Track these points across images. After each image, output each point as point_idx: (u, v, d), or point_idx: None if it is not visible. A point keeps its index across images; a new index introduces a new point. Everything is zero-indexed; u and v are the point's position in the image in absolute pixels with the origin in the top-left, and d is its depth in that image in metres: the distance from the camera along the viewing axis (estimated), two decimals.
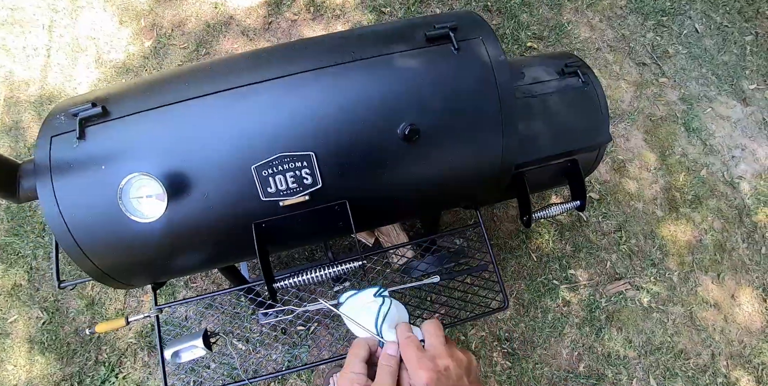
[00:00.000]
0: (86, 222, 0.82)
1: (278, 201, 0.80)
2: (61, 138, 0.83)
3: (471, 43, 0.91)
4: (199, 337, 0.91)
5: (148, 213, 0.78)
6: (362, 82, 0.84)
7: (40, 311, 1.82)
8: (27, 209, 1.96)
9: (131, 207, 0.78)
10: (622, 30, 2.36)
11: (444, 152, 0.86)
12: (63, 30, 2.23)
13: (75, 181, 0.81)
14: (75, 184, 0.81)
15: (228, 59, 0.93)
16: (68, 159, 0.82)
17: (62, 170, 0.82)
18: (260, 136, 0.80)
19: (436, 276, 0.98)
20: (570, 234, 1.88)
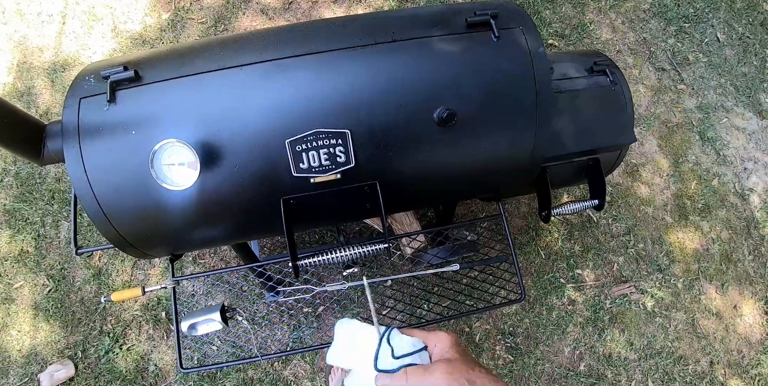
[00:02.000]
0: (112, 187, 0.81)
1: (309, 177, 0.80)
2: (90, 100, 0.82)
3: (511, 32, 0.90)
4: (217, 311, 0.91)
5: (179, 181, 0.77)
6: (401, 64, 0.83)
7: (46, 278, 1.81)
8: (36, 176, 1.95)
9: (162, 174, 0.77)
10: (643, 34, 2.35)
11: (477, 140, 0.86)
12: None
13: (103, 144, 0.80)
14: (103, 147, 0.80)
15: (264, 31, 0.92)
16: (97, 122, 0.81)
17: (91, 133, 0.80)
18: (297, 111, 0.79)
19: (456, 265, 0.98)
20: (579, 234, 1.88)
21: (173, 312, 0.99)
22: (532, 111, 0.88)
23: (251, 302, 1.70)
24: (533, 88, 0.88)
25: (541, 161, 0.95)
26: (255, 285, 1.69)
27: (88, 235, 1.87)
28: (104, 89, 0.81)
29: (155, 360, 1.68)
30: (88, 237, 1.87)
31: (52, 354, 1.72)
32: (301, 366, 1.67)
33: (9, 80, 2.05)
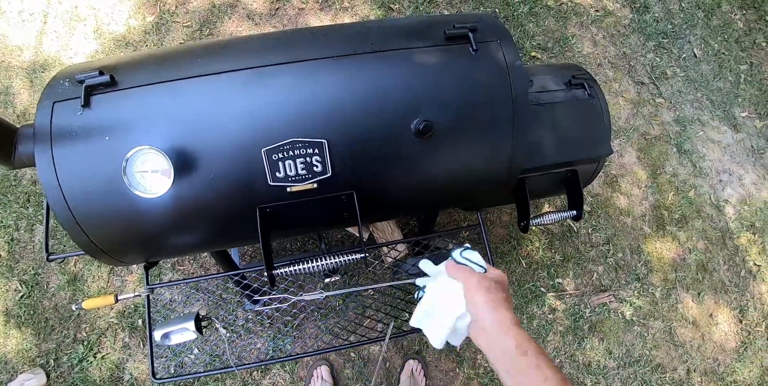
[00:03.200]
0: (84, 193, 0.79)
1: (286, 186, 0.80)
2: (64, 104, 0.81)
3: (489, 45, 0.92)
4: (191, 320, 0.89)
5: (152, 188, 0.76)
6: (380, 74, 0.84)
7: (19, 284, 1.76)
8: (12, 178, 1.90)
9: (135, 181, 0.76)
10: (623, 48, 2.42)
11: (454, 151, 0.87)
12: None
13: (76, 149, 0.79)
14: (76, 152, 0.79)
15: (244, 39, 0.92)
16: (71, 126, 0.79)
17: (63, 138, 0.79)
18: (273, 119, 0.79)
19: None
20: (560, 243, 1.91)
21: (147, 321, 0.97)
22: (509, 123, 0.90)
23: (230, 310, 1.67)
24: (510, 100, 0.90)
25: (519, 172, 0.97)
26: (234, 294, 1.66)
27: (64, 240, 1.82)
28: (79, 93, 0.80)
29: (130, 370, 1.64)
30: (63, 242, 1.83)
31: (22, 362, 1.67)
32: (281, 376, 1.64)
33: None
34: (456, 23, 0.92)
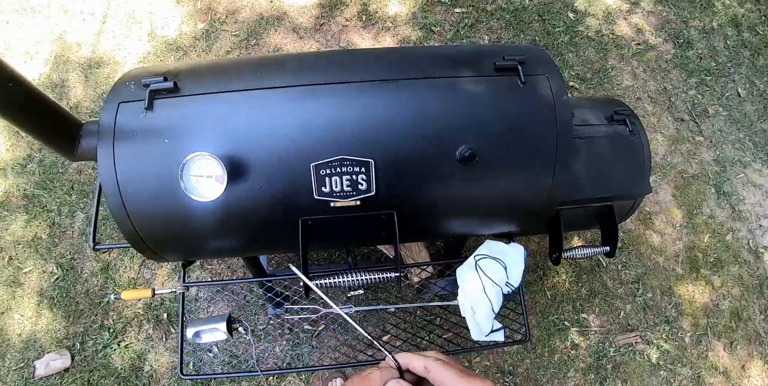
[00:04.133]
0: (139, 190, 0.84)
1: (330, 201, 0.83)
2: (128, 105, 0.86)
3: (537, 78, 0.95)
4: (224, 321, 0.92)
5: (205, 192, 0.80)
6: (429, 100, 0.88)
7: (55, 266, 1.85)
8: (59, 166, 2.02)
9: (190, 184, 0.81)
10: (664, 83, 2.40)
11: (496, 180, 0.89)
12: (121, 0, 2.34)
13: (136, 148, 0.84)
14: (135, 151, 0.84)
15: (300, 56, 0.97)
16: (133, 127, 0.85)
17: (125, 136, 0.84)
18: (323, 136, 0.83)
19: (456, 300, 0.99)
20: (588, 277, 1.86)
21: (179, 318, 1.01)
22: (552, 156, 0.91)
23: (253, 313, 1.70)
24: (554, 133, 0.91)
25: (557, 204, 0.97)
26: (259, 298, 1.70)
27: (102, 230, 1.92)
28: (143, 96, 0.85)
29: (151, 361, 1.68)
30: (101, 231, 1.92)
31: (50, 342, 1.74)
32: (296, 384, 1.65)
33: (45, 71, 2.17)
34: (506, 55, 0.95)
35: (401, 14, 2.43)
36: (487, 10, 2.50)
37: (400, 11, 2.43)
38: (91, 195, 1.99)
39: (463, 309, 0.94)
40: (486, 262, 0.96)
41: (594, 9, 2.55)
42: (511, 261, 0.99)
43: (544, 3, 2.55)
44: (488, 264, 0.96)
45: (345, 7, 2.42)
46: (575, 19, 2.51)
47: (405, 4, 2.44)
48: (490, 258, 0.97)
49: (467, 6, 2.49)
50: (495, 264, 0.96)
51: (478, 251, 1.01)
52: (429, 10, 2.45)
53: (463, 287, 0.96)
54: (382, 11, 2.43)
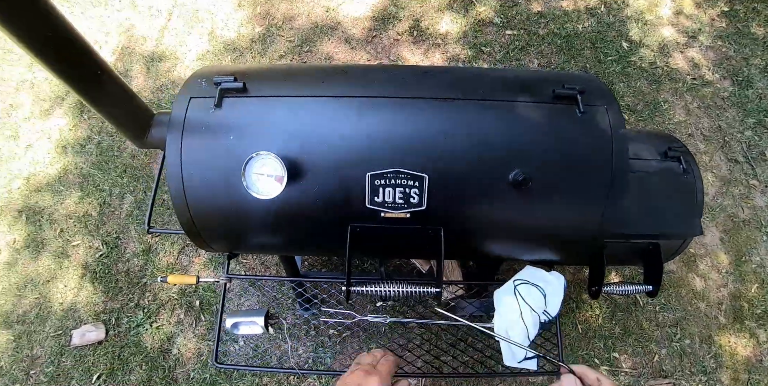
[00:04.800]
0: (200, 181, 0.90)
1: (381, 211, 0.86)
2: (198, 101, 0.92)
3: (595, 109, 0.95)
4: (262, 315, 0.96)
5: (265, 190, 0.85)
6: (486, 121, 0.90)
7: (101, 243, 1.98)
8: (115, 149, 2.17)
9: (250, 181, 0.85)
10: (719, 121, 2.31)
11: (546, 206, 0.89)
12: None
13: (202, 142, 0.89)
14: (202, 144, 0.89)
15: (363, 68, 1.02)
16: (201, 121, 0.90)
17: (193, 130, 0.90)
18: (382, 147, 0.86)
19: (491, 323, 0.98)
20: (623, 315, 1.79)
21: (219, 307, 1.05)
22: (605, 187, 0.91)
23: (281, 311, 1.74)
24: (609, 166, 0.91)
25: (604, 237, 0.96)
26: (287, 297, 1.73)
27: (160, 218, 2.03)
28: (213, 94, 0.91)
29: (179, 345, 1.75)
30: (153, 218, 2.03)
31: (88, 314, 1.85)
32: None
33: (111, 60, 2.35)
34: (565, 83, 0.96)
35: (452, 32, 2.48)
36: (538, 34, 2.51)
37: (450, 29, 2.48)
38: (141, 179, 2.12)
39: (498, 332, 0.93)
40: (525, 288, 0.96)
41: (649, 40, 2.51)
42: (551, 290, 0.98)
43: (597, 31, 2.53)
44: (528, 290, 0.95)
45: (397, 22, 2.50)
46: (629, 48, 2.48)
47: (456, 23, 2.49)
48: (530, 284, 0.97)
49: (519, 29, 2.51)
50: (535, 290, 0.95)
51: (518, 276, 1.00)
52: (480, 30, 2.49)
53: (500, 310, 0.95)
54: (434, 28, 2.49)
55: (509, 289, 0.98)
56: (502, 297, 0.97)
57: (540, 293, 0.97)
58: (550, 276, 1.02)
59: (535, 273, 1.02)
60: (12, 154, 2.24)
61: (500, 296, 0.98)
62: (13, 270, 1.98)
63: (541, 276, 1.02)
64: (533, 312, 0.93)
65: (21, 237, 2.04)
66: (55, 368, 1.77)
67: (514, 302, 0.95)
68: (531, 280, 0.99)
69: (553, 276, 1.03)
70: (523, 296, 0.95)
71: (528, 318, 0.93)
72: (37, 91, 2.40)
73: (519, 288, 0.97)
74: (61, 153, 2.23)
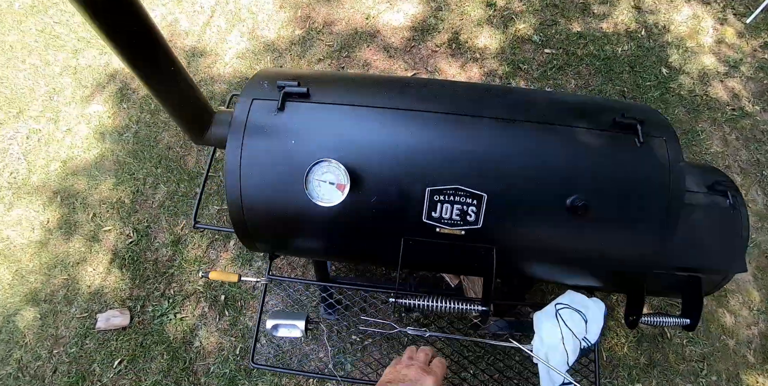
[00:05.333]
0: (258, 182, 0.91)
1: (436, 227, 0.87)
2: (261, 103, 0.93)
3: (654, 140, 0.95)
4: (303, 319, 0.97)
5: (325, 198, 0.86)
6: (547, 145, 0.90)
7: (132, 231, 2.02)
8: (151, 139, 2.22)
9: (312, 187, 0.86)
10: (758, 154, 2.27)
11: (600, 234, 0.89)
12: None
13: (264, 144, 0.91)
14: (263, 146, 0.90)
15: (426, 82, 1.02)
16: (263, 123, 0.91)
17: (255, 131, 0.91)
18: (442, 163, 0.87)
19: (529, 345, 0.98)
20: (649, 346, 1.76)
21: (260, 307, 1.06)
22: (660, 220, 0.90)
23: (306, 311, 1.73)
24: (665, 198, 0.90)
25: (652, 268, 0.95)
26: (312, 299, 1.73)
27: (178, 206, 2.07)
28: (275, 97, 0.92)
29: (201, 338, 1.77)
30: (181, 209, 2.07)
31: (114, 300, 1.88)
32: None
33: None
34: (623, 111, 0.96)
35: (490, 47, 2.49)
36: (577, 55, 2.50)
37: (489, 44, 2.49)
38: (175, 171, 2.16)
39: (537, 355, 0.93)
40: (568, 313, 0.95)
41: (689, 67, 2.49)
42: (592, 316, 0.97)
43: (637, 55, 2.51)
44: (570, 315, 0.95)
45: (437, 33, 2.52)
46: (668, 75, 2.46)
47: (495, 38, 2.50)
48: (572, 309, 0.96)
49: (558, 48, 2.51)
50: (577, 316, 0.95)
51: (560, 300, 1.00)
52: (518, 47, 2.50)
53: (540, 334, 0.95)
54: (472, 42, 2.50)
55: (551, 313, 0.98)
56: (544, 320, 0.97)
57: (582, 319, 0.96)
58: (590, 302, 1.02)
59: (577, 298, 1.01)
60: (51, 136, 2.31)
61: (541, 319, 0.98)
62: (44, 249, 2.03)
63: (582, 301, 1.01)
64: (575, 338, 0.93)
65: (54, 218, 2.10)
66: (78, 349, 1.80)
67: (556, 326, 0.94)
68: (573, 305, 0.99)
69: (593, 302, 1.03)
70: (565, 321, 0.95)
71: (569, 343, 0.93)
72: (79, 77, 2.48)
73: (561, 313, 0.97)
74: (99, 139, 2.29)
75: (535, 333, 0.97)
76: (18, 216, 2.08)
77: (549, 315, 0.97)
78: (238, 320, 1.80)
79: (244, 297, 1.83)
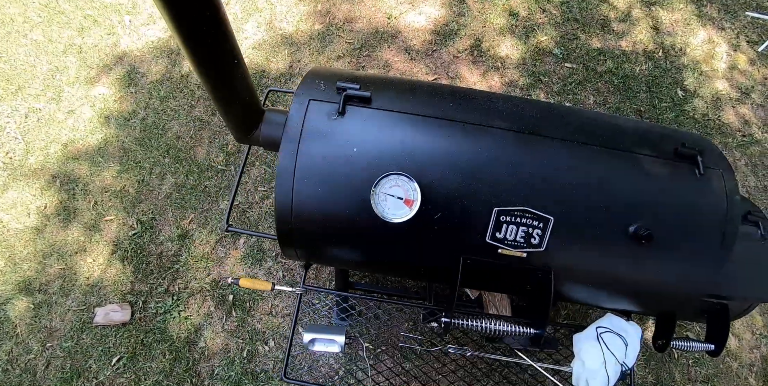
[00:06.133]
0: (313, 190, 0.85)
1: (498, 247, 0.84)
2: (319, 104, 0.88)
3: (712, 172, 0.95)
4: (342, 334, 0.94)
5: (391, 213, 0.81)
6: (612, 171, 0.89)
7: (135, 222, 1.92)
8: (160, 127, 2.13)
9: (378, 200, 0.81)
10: (765, 181, 2.33)
11: (656, 263, 0.88)
12: None
13: (322, 149, 0.85)
14: (321, 152, 0.85)
15: (488, 94, 0.98)
16: (322, 128, 0.86)
17: (312, 135, 0.86)
18: (511, 183, 0.85)
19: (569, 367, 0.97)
20: (656, 365, 1.79)
21: (294, 317, 1.02)
22: (714, 251, 0.90)
23: (318, 318, 1.69)
24: (722, 231, 0.91)
25: (702, 297, 0.95)
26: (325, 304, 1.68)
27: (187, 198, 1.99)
28: (335, 99, 0.87)
29: (206, 338, 1.71)
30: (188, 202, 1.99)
31: (114, 293, 1.80)
32: None
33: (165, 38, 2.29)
34: (685, 141, 0.96)
35: (511, 57, 2.48)
36: (596, 71, 2.52)
37: (510, 54, 2.48)
38: (184, 162, 2.08)
39: (577, 378, 0.92)
40: (610, 337, 0.95)
41: (703, 91, 2.54)
42: (631, 340, 0.97)
43: (654, 75, 2.55)
44: (612, 339, 0.94)
45: (458, 39, 2.50)
46: (683, 97, 2.50)
47: (516, 48, 2.49)
48: (614, 333, 0.96)
49: (578, 62, 2.52)
50: (618, 340, 0.95)
51: (601, 323, 0.99)
52: (539, 59, 2.50)
53: (581, 356, 0.94)
54: (494, 51, 2.49)
55: (591, 336, 0.97)
56: (584, 343, 0.96)
57: (623, 343, 0.96)
58: (629, 327, 1.02)
59: (616, 322, 1.01)
60: (52, 117, 2.19)
61: (582, 342, 0.97)
62: (40, 236, 1.93)
63: (621, 325, 1.01)
64: (617, 363, 0.92)
65: (52, 203, 1.99)
66: (73, 344, 1.72)
67: (597, 350, 0.94)
68: (614, 329, 0.98)
69: (631, 326, 1.03)
70: (607, 345, 0.94)
71: (611, 368, 0.92)
72: (84, 56, 2.35)
73: (603, 337, 0.96)
74: (104, 123, 2.18)
75: (576, 356, 0.96)
76: (13, 200, 1.97)
77: (590, 339, 0.96)
78: (246, 321, 1.74)
79: (252, 297, 1.78)
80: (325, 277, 1.75)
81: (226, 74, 0.78)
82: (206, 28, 0.65)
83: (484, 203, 0.83)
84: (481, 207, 0.83)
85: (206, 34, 0.66)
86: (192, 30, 0.65)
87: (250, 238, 1.89)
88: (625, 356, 0.96)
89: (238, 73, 0.79)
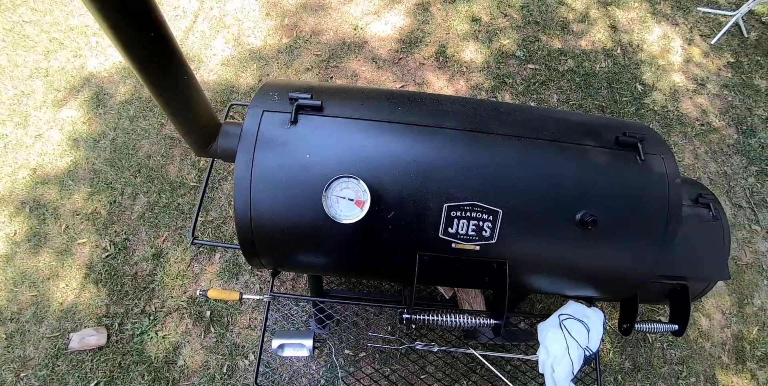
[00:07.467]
0: (270, 197, 0.87)
1: (452, 242, 0.87)
2: (272, 115, 0.90)
3: (653, 157, 1.00)
4: (310, 338, 0.95)
5: (343, 214, 0.83)
6: (557, 162, 0.93)
7: (108, 244, 1.90)
8: (130, 147, 2.11)
9: (330, 203, 0.84)
10: (725, 167, 2.43)
11: (606, 248, 0.92)
12: (214, 3, 2.49)
13: (276, 158, 0.87)
14: (275, 160, 0.87)
15: (438, 98, 1.03)
16: (275, 137, 0.88)
17: (266, 144, 0.88)
18: (458, 179, 0.88)
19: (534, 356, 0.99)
20: (632, 351, 1.83)
21: (263, 324, 1.03)
22: (659, 232, 0.94)
23: (295, 325, 1.69)
24: (665, 213, 0.95)
25: (651, 278, 0.99)
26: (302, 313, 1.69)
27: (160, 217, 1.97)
28: (288, 109, 0.89)
29: (185, 356, 1.68)
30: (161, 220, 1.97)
31: (89, 317, 1.76)
32: None
33: None
34: (627, 131, 1.00)
35: (476, 61, 2.56)
36: (558, 70, 2.61)
37: (474, 58, 2.56)
38: (156, 181, 2.07)
39: (543, 365, 0.95)
40: (572, 323, 0.98)
41: (661, 84, 2.64)
42: (593, 325, 1.00)
43: (614, 72, 2.65)
44: (574, 325, 0.97)
45: (424, 46, 2.57)
46: (643, 91, 2.60)
47: (480, 53, 2.57)
48: (576, 319, 0.99)
49: (540, 63, 2.60)
50: (580, 326, 0.97)
51: (563, 310, 1.02)
52: (503, 62, 2.57)
53: (545, 344, 0.97)
54: (458, 56, 2.56)
55: (554, 324, 1.00)
56: (547, 331, 0.99)
57: (585, 328, 0.99)
58: (591, 312, 1.05)
59: (578, 308, 1.04)
60: (20, 142, 2.16)
61: (546, 330, 1.00)
62: (10, 263, 1.88)
63: (583, 311, 1.04)
64: (579, 348, 0.95)
65: (22, 230, 1.95)
66: (48, 372, 1.67)
67: (560, 336, 0.96)
68: (575, 315, 1.01)
69: (593, 311, 1.06)
70: (569, 331, 0.97)
71: (574, 353, 0.95)
72: (51, 79, 2.34)
73: (565, 323, 0.99)
74: (73, 146, 2.16)
75: (540, 344, 0.99)
76: None
77: (553, 326, 0.99)
78: (225, 337, 1.72)
79: (230, 312, 1.76)
80: (302, 287, 1.75)
81: (177, 90, 0.80)
82: (152, 47, 0.67)
83: (434, 200, 0.86)
84: (432, 205, 0.86)
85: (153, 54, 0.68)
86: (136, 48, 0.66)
87: (226, 253, 1.88)
88: (588, 341, 0.99)
89: (189, 90, 0.81)
